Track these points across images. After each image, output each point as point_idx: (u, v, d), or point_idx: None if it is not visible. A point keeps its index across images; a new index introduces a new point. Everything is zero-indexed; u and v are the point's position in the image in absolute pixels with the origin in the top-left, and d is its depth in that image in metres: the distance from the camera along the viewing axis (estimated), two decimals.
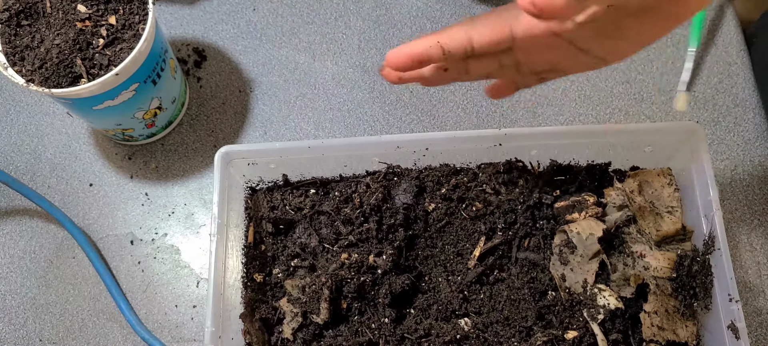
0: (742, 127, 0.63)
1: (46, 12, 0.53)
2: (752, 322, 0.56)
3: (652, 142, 0.55)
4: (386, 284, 0.52)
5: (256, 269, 0.55)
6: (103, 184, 0.63)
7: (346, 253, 0.53)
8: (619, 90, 0.65)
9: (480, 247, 0.54)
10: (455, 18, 0.68)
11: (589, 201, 0.54)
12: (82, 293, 0.59)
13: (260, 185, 0.58)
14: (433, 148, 0.55)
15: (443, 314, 0.52)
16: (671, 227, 0.52)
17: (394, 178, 0.56)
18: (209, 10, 0.69)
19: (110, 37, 0.53)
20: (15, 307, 0.59)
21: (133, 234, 0.61)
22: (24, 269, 0.60)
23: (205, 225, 0.61)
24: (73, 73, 0.52)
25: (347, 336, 0.51)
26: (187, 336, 0.58)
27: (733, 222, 0.59)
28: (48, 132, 0.65)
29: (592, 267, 0.51)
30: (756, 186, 0.61)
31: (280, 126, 0.65)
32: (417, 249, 0.54)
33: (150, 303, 0.59)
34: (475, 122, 0.64)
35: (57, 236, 0.61)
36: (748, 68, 0.65)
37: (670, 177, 0.56)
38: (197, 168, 0.63)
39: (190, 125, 0.65)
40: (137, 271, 0.60)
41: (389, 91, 0.66)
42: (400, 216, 0.54)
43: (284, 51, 0.68)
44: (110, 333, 0.58)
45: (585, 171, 0.57)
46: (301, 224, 0.56)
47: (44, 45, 0.52)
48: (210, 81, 0.67)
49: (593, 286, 0.51)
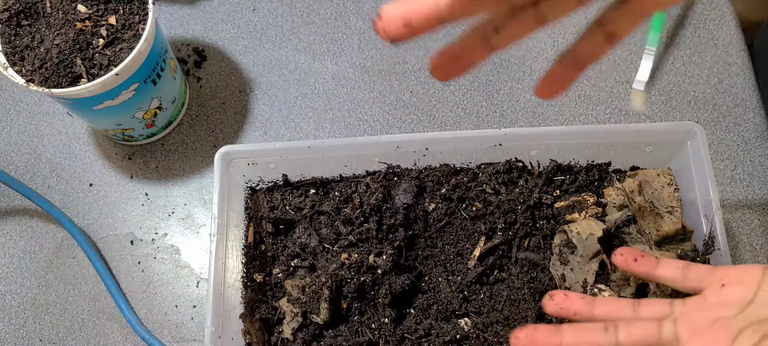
0: (742, 127, 0.63)
1: (46, 12, 0.53)
2: None
3: (652, 143, 0.55)
4: (386, 284, 0.52)
5: (256, 269, 0.55)
6: (103, 184, 0.63)
7: (346, 253, 0.53)
8: (620, 90, 0.65)
9: (480, 247, 0.54)
10: None
11: (589, 201, 0.54)
12: (82, 293, 0.59)
13: (260, 185, 0.58)
14: (433, 148, 0.55)
15: (443, 314, 0.52)
16: (671, 227, 0.52)
17: (394, 178, 0.56)
18: (209, 10, 0.69)
19: (110, 37, 0.53)
20: (15, 307, 0.59)
21: (133, 234, 0.61)
22: (24, 269, 0.60)
23: (205, 225, 0.61)
24: (73, 73, 0.52)
25: (347, 336, 0.51)
26: (187, 336, 0.58)
27: (733, 222, 0.59)
28: (48, 132, 0.65)
29: (592, 267, 0.51)
30: (756, 186, 0.61)
31: (280, 126, 0.65)
32: (417, 249, 0.54)
33: (150, 303, 0.59)
34: (475, 122, 0.64)
35: (57, 236, 0.61)
36: (748, 68, 0.65)
37: (670, 177, 0.56)
38: (197, 168, 0.63)
39: (190, 125, 0.65)
40: (137, 271, 0.60)
41: (389, 91, 0.66)
42: (400, 216, 0.54)
43: (284, 51, 0.68)
44: (110, 333, 0.58)
45: (585, 171, 0.57)
46: (301, 224, 0.56)
47: (44, 45, 0.52)
48: (210, 81, 0.67)
49: (593, 286, 0.51)
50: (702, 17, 0.67)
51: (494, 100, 0.65)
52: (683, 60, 0.66)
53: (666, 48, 0.66)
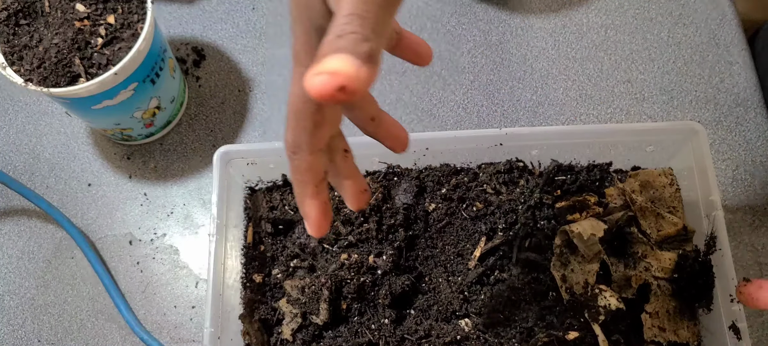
0: (744, 127, 0.63)
1: (44, 11, 0.53)
2: (754, 322, 0.56)
3: (653, 142, 0.54)
4: (386, 285, 0.52)
5: (255, 270, 0.54)
6: (102, 184, 0.63)
7: (346, 253, 0.52)
8: (621, 89, 0.65)
9: (480, 247, 0.53)
10: (455, 17, 0.68)
11: (590, 201, 0.54)
12: (80, 294, 0.59)
13: (259, 185, 0.58)
14: (433, 148, 0.54)
15: (443, 314, 0.52)
16: (672, 228, 0.52)
17: (394, 178, 0.56)
18: (208, 10, 0.69)
19: (109, 37, 0.53)
20: (13, 307, 0.59)
21: (131, 234, 0.61)
22: (22, 269, 0.60)
23: (204, 225, 0.61)
24: (71, 72, 0.51)
25: (347, 337, 0.51)
26: (186, 337, 0.57)
27: (735, 222, 0.59)
28: (46, 132, 0.65)
29: (593, 268, 0.51)
30: (758, 186, 0.60)
31: (280, 126, 0.64)
32: (417, 249, 0.54)
33: (149, 304, 0.58)
34: (476, 122, 0.64)
35: (55, 236, 0.61)
36: (749, 68, 0.65)
37: (672, 177, 0.55)
38: (196, 168, 0.63)
39: (189, 125, 0.65)
40: (136, 271, 0.60)
41: (389, 91, 0.65)
42: (400, 216, 0.53)
43: (284, 50, 0.68)
44: (109, 334, 0.58)
45: (586, 171, 0.56)
46: (300, 224, 0.56)
47: (43, 44, 0.52)
48: (209, 80, 0.66)
49: (594, 286, 0.50)
50: (703, 16, 0.67)
51: (495, 100, 0.65)
52: (685, 59, 0.66)
53: (667, 47, 0.66)
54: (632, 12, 0.68)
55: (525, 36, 0.67)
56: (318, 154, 0.34)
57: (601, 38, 0.67)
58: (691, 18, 0.67)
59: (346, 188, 0.37)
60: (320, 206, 0.34)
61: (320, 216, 0.34)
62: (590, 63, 0.66)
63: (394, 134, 0.38)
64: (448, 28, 0.68)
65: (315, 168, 0.34)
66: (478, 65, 0.66)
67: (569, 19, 0.68)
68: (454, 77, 0.66)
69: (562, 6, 0.68)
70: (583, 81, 0.65)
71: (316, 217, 0.34)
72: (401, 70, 0.66)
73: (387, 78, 0.66)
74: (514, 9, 0.69)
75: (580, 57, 0.66)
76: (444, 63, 0.66)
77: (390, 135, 0.38)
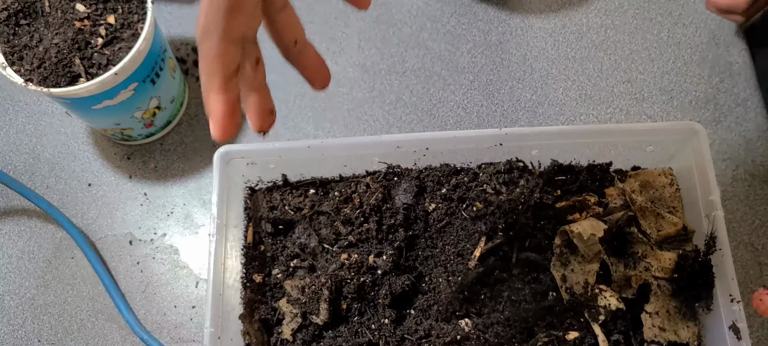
0: (744, 126, 0.63)
1: (44, 11, 0.53)
2: (754, 322, 0.56)
3: (653, 142, 0.54)
4: (386, 285, 0.52)
5: (255, 270, 0.54)
6: (102, 184, 0.63)
7: (346, 253, 0.52)
8: (620, 89, 0.65)
9: (480, 247, 0.53)
10: (455, 17, 0.68)
11: (590, 201, 0.54)
12: (80, 294, 0.59)
13: (260, 185, 0.58)
14: (433, 148, 0.54)
15: (443, 314, 0.52)
16: (672, 228, 0.52)
17: (394, 178, 0.56)
18: None
19: (109, 37, 0.53)
20: (13, 307, 0.59)
21: (131, 234, 0.61)
22: (22, 269, 0.60)
23: (204, 225, 0.61)
24: (71, 72, 0.51)
25: (347, 337, 0.51)
26: (186, 337, 0.57)
27: (735, 222, 0.59)
28: (47, 132, 0.65)
29: (593, 268, 0.51)
30: (757, 186, 0.60)
31: (280, 126, 0.64)
32: (417, 249, 0.54)
33: (149, 304, 0.58)
34: (476, 122, 0.64)
35: (55, 236, 0.61)
36: (749, 68, 0.65)
37: (672, 177, 0.55)
38: (196, 168, 0.63)
39: (189, 125, 0.65)
40: (136, 271, 0.60)
41: (389, 91, 0.65)
42: (400, 216, 0.53)
43: None
44: (109, 334, 0.58)
45: (586, 171, 0.56)
46: (300, 224, 0.56)
47: (43, 44, 0.52)
48: None
49: (594, 286, 0.50)
50: (703, 16, 0.67)
51: (495, 100, 0.65)
52: (684, 59, 0.66)
53: (667, 47, 0.66)
54: (632, 12, 0.68)
55: (525, 36, 0.67)
56: (230, 43, 0.31)
57: (601, 38, 0.67)
58: (691, 18, 0.67)
59: (250, 104, 0.34)
60: (227, 102, 0.31)
61: (226, 115, 0.31)
62: (590, 63, 0.66)
63: (315, 66, 0.35)
64: (448, 28, 0.68)
65: (225, 58, 0.30)
66: (477, 65, 0.66)
67: (569, 19, 0.68)
68: (454, 77, 0.66)
69: (562, 6, 0.68)
70: (583, 81, 0.65)
71: (220, 114, 0.31)
72: (401, 70, 0.66)
73: (387, 78, 0.66)
74: (514, 9, 0.69)
75: (580, 57, 0.66)
76: (444, 63, 0.66)
77: (311, 66, 0.35)
